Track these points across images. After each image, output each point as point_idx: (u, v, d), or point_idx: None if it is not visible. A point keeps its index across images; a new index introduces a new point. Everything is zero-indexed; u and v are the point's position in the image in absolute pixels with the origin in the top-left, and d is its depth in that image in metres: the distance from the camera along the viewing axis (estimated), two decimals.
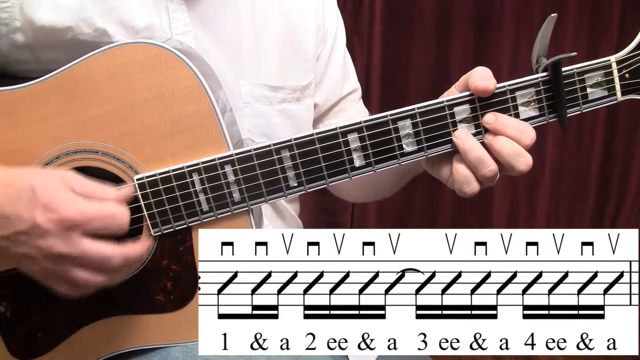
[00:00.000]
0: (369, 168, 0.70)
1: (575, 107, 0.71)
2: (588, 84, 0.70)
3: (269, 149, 0.69)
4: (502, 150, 0.68)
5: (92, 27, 0.71)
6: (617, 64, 0.70)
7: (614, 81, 0.70)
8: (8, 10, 0.69)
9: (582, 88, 0.70)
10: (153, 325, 0.72)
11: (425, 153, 0.70)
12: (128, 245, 0.65)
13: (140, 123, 0.68)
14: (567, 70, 0.69)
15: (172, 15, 0.76)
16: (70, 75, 0.68)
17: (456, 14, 2.16)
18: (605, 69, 0.70)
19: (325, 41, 0.92)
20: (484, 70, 0.68)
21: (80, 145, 0.69)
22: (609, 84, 0.70)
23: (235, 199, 0.69)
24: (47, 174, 0.63)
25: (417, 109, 0.69)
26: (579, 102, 0.70)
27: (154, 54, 0.67)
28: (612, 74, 0.70)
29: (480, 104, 0.69)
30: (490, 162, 0.68)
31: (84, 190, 0.63)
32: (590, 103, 0.71)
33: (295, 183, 0.70)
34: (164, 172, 0.68)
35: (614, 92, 0.71)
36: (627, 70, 0.70)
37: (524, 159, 0.67)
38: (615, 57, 0.70)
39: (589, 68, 0.70)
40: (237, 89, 0.81)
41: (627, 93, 0.71)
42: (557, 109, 0.70)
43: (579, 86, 0.70)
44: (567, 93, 0.69)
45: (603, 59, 0.70)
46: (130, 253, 0.65)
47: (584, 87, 0.70)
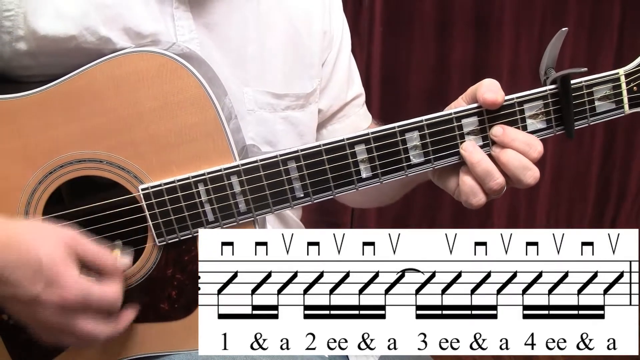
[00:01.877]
0: (375, 179, 0.70)
1: (583, 120, 0.70)
2: (596, 97, 0.70)
3: (276, 160, 0.68)
4: (509, 163, 0.67)
5: (96, 35, 0.70)
6: (625, 77, 0.70)
7: (622, 94, 0.70)
8: (12, 18, 0.69)
9: (590, 101, 0.70)
10: (157, 334, 0.72)
11: (432, 165, 0.70)
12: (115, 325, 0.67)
13: (146, 132, 0.68)
14: (575, 83, 0.69)
15: (178, 22, 0.75)
16: (74, 84, 0.67)
17: (456, 14, 2.16)
18: (613, 82, 0.70)
19: (332, 46, 0.91)
20: (491, 82, 0.68)
21: (85, 154, 0.68)
22: (617, 97, 0.70)
23: (241, 210, 0.69)
24: (52, 242, 0.63)
25: (424, 120, 0.69)
26: (587, 114, 0.70)
27: (159, 63, 0.67)
28: (620, 87, 0.70)
29: (488, 116, 0.69)
30: (497, 175, 0.68)
31: (86, 257, 0.64)
32: (598, 116, 0.71)
33: (302, 194, 0.70)
34: (169, 182, 0.68)
35: (621, 105, 0.70)
36: (635, 83, 0.70)
37: (531, 172, 0.67)
38: (624, 70, 0.70)
39: (597, 81, 0.69)
40: (241, 96, 0.80)
41: (635, 106, 0.71)
42: (564, 122, 0.70)
43: (587, 99, 0.70)
44: (575, 106, 0.69)
45: (612, 72, 0.70)
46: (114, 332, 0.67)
47: (592, 100, 0.70)
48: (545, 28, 2.22)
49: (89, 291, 0.63)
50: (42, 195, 0.69)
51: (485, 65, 2.19)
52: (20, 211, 0.69)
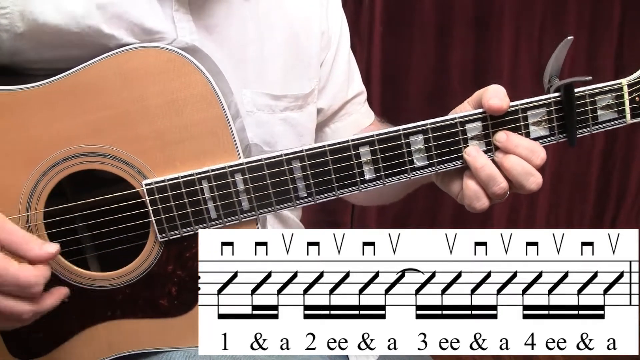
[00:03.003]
0: (379, 181, 0.70)
1: (585, 128, 0.71)
2: (599, 106, 0.70)
3: (280, 159, 0.68)
4: (512, 169, 0.68)
5: (99, 33, 0.70)
6: (628, 87, 0.70)
7: (624, 104, 0.71)
8: (7, 16, 0.68)
9: (592, 110, 0.70)
10: (156, 330, 0.72)
11: (435, 168, 0.71)
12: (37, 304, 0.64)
13: (151, 128, 0.68)
14: (579, 92, 0.69)
15: (178, 25, 0.75)
16: (80, 78, 0.67)
17: (456, 14, 2.16)
18: (616, 92, 0.70)
19: (330, 46, 0.92)
20: (497, 89, 0.68)
21: (89, 148, 0.68)
22: (619, 106, 0.71)
23: (244, 208, 0.69)
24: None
25: (429, 124, 0.69)
26: (589, 123, 0.71)
27: (167, 59, 0.67)
28: (623, 96, 0.70)
29: (492, 121, 0.69)
30: (501, 179, 0.68)
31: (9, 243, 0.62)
32: (600, 125, 0.71)
33: (305, 194, 0.70)
34: (173, 179, 0.68)
35: (623, 114, 0.71)
36: (637, 93, 0.70)
37: (534, 178, 0.68)
38: (627, 80, 0.70)
39: (600, 90, 0.70)
40: (240, 97, 0.80)
41: (636, 116, 0.71)
42: (567, 130, 0.70)
43: (590, 108, 0.70)
44: (578, 114, 0.70)
45: (615, 82, 0.70)
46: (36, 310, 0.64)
47: (595, 109, 0.71)
48: (545, 28, 2.22)
49: (6, 267, 0.61)
50: (45, 187, 0.69)
51: (485, 66, 2.19)
52: (22, 203, 0.69)
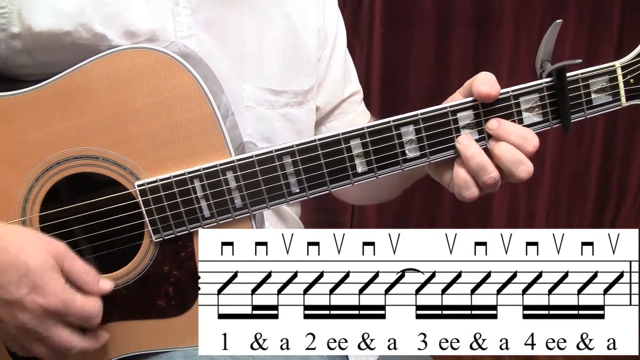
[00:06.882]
0: (371, 174, 0.70)
1: (580, 113, 0.70)
2: (592, 90, 0.70)
3: (271, 155, 0.68)
4: (502, 156, 0.67)
5: (91, 32, 0.70)
6: (622, 69, 0.69)
7: (618, 87, 0.70)
8: (6, 16, 0.69)
9: (586, 94, 0.70)
10: (154, 330, 0.72)
11: (427, 159, 0.70)
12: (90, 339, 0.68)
13: (141, 129, 0.68)
14: (571, 76, 0.69)
15: (177, 19, 0.75)
16: (70, 81, 0.68)
17: (456, 14, 2.16)
18: (610, 75, 0.69)
19: (326, 43, 0.92)
20: (487, 76, 0.68)
21: (81, 151, 0.68)
22: (614, 89, 0.70)
23: (237, 205, 0.69)
24: (41, 251, 0.64)
25: (420, 114, 0.69)
26: (583, 107, 0.70)
27: (154, 60, 0.67)
28: (616, 79, 0.70)
29: (483, 109, 0.69)
30: (491, 169, 0.67)
31: (71, 271, 0.65)
32: (595, 108, 0.70)
33: (297, 189, 0.70)
34: (165, 179, 0.68)
35: (618, 97, 0.70)
36: (632, 75, 0.70)
37: (524, 166, 0.67)
38: (620, 62, 0.69)
39: (593, 74, 0.69)
40: (240, 92, 0.81)
41: (632, 98, 0.70)
42: (561, 115, 0.69)
43: (584, 92, 0.69)
44: (572, 99, 0.69)
45: (608, 64, 0.69)
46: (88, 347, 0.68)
47: (589, 92, 0.70)
48: (545, 28, 2.21)
49: (73, 299, 0.64)
50: (39, 192, 0.69)
51: (485, 65, 2.19)
52: (18, 208, 0.70)
